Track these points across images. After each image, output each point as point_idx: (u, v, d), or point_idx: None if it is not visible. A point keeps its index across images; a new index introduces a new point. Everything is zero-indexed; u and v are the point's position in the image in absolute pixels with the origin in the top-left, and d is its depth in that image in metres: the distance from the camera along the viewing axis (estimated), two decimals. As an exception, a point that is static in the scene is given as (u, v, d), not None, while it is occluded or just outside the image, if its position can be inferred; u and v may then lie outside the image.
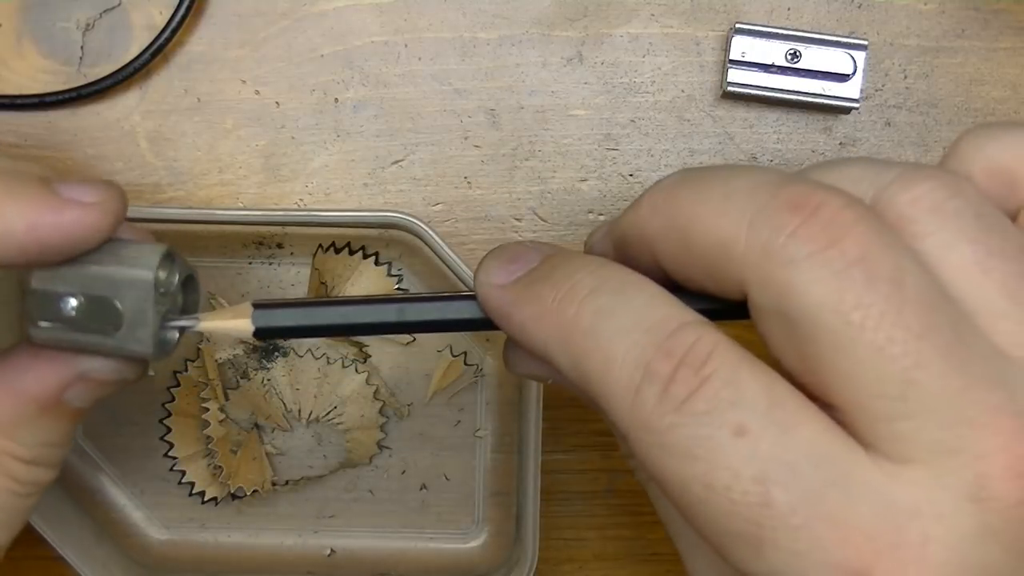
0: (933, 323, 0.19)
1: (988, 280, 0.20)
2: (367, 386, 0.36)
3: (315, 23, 0.36)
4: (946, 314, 0.19)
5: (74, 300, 0.25)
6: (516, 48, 0.36)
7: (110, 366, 0.25)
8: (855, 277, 0.19)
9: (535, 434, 0.34)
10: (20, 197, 0.23)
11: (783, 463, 0.19)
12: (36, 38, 0.36)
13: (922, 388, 0.19)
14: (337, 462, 0.37)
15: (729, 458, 0.19)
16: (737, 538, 0.20)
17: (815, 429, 0.20)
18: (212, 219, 0.33)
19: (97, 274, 0.25)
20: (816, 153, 0.36)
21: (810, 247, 0.20)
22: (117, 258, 0.25)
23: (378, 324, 0.26)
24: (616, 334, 0.21)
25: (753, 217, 0.20)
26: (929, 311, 0.19)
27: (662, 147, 0.36)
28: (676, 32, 0.36)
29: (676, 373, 0.20)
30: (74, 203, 0.24)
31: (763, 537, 0.19)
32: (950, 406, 0.19)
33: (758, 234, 0.20)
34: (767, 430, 0.19)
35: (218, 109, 0.36)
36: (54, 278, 0.25)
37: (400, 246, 0.36)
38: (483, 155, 0.37)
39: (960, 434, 0.19)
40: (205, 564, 0.37)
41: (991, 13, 0.36)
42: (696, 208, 0.21)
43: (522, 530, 0.35)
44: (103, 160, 0.36)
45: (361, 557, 0.38)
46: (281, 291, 0.37)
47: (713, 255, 0.21)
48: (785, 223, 0.20)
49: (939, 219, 0.20)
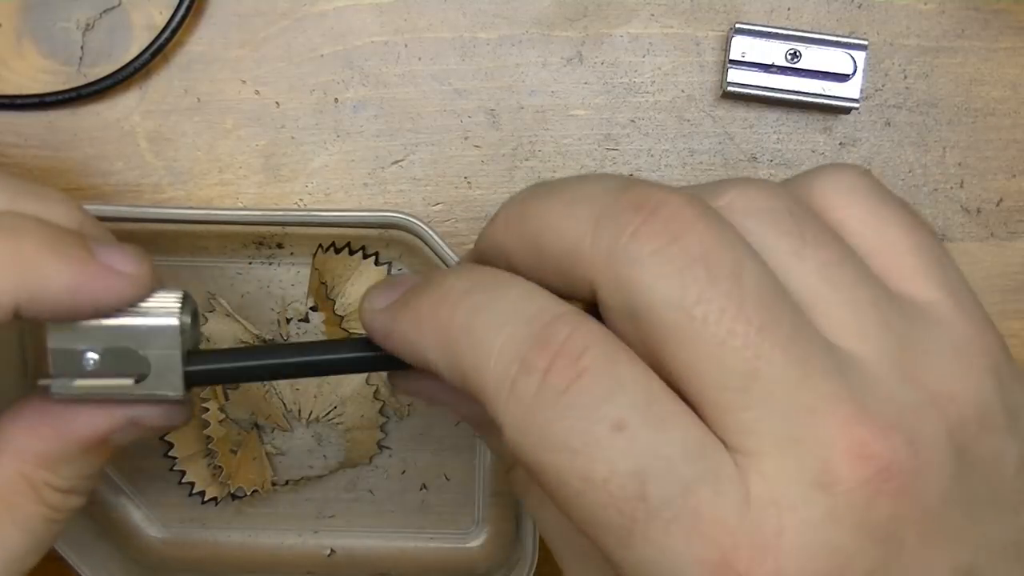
0: (772, 317, 0.20)
1: (805, 268, 0.21)
2: (367, 386, 0.36)
3: (315, 23, 0.36)
4: (783, 307, 0.20)
5: (94, 354, 0.25)
6: (516, 48, 0.36)
7: (160, 413, 0.26)
8: (697, 273, 0.20)
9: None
10: (63, 257, 0.24)
11: (659, 458, 0.20)
12: (36, 38, 0.36)
13: (763, 379, 0.20)
14: (337, 462, 0.37)
15: (607, 452, 0.20)
16: (611, 530, 0.20)
17: (686, 425, 0.20)
18: (212, 219, 0.33)
19: (120, 327, 0.25)
20: (816, 153, 0.37)
21: (652, 244, 0.20)
22: (137, 308, 0.25)
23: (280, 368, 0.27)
24: (491, 328, 0.21)
25: (598, 220, 0.21)
26: (768, 305, 0.20)
27: (662, 147, 0.36)
28: (676, 32, 0.36)
29: (553, 364, 0.20)
30: (112, 271, 0.24)
31: (635, 530, 0.20)
32: (790, 396, 0.20)
33: (603, 235, 0.21)
34: (645, 425, 0.20)
35: (218, 109, 0.36)
36: (73, 335, 0.25)
37: (400, 246, 0.36)
38: (483, 155, 0.37)
39: (801, 423, 0.20)
40: (205, 564, 0.37)
41: (991, 13, 0.36)
42: (545, 216, 0.22)
43: (522, 530, 0.35)
44: (103, 160, 0.36)
45: (361, 557, 0.38)
46: (281, 291, 0.37)
47: (564, 261, 0.21)
48: (627, 223, 0.20)
49: (754, 219, 0.21)
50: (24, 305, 0.23)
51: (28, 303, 0.24)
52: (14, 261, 0.23)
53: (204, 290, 0.36)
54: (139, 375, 0.25)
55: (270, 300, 0.37)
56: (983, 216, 0.37)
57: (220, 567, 0.37)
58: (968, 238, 0.37)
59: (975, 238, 0.37)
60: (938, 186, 0.37)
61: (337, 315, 0.36)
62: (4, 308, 0.23)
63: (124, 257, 0.25)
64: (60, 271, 0.24)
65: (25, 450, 0.25)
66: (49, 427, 0.25)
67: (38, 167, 0.36)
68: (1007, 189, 0.37)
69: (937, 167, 0.37)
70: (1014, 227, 0.37)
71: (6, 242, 0.23)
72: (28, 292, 0.23)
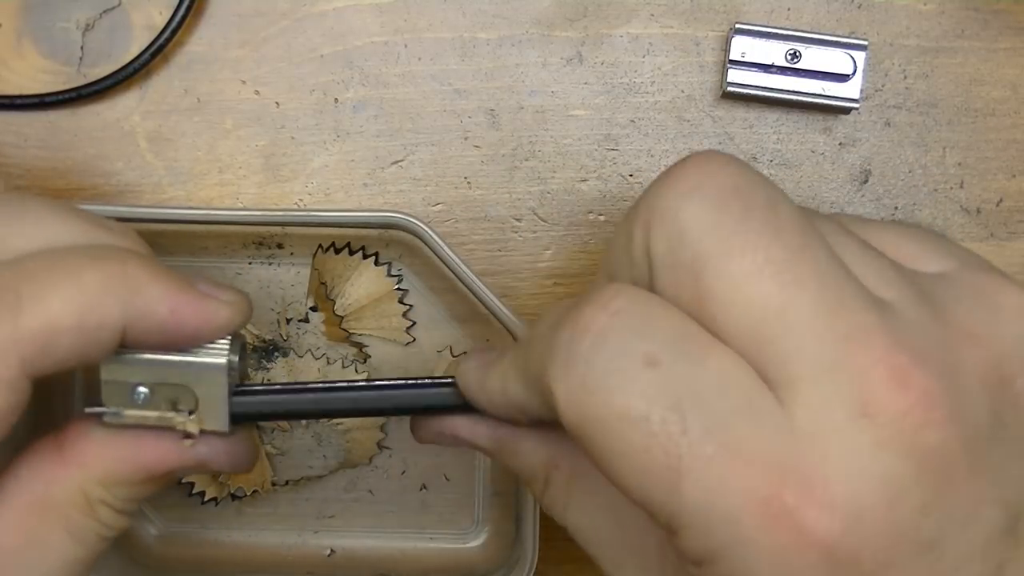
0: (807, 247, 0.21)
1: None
2: (367, 386, 0.36)
3: (315, 23, 0.36)
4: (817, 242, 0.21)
5: (145, 388, 0.26)
6: (516, 48, 0.36)
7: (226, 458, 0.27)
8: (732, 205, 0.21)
9: (535, 434, 0.34)
10: (164, 281, 0.24)
11: (695, 392, 0.20)
12: (36, 38, 0.36)
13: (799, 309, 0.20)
14: (337, 462, 0.37)
15: (643, 387, 0.20)
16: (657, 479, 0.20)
17: (721, 357, 0.21)
18: (212, 219, 0.33)
19: (171, 363, 0.26)
20: (816, 153, 0.37)
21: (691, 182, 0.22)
22: None
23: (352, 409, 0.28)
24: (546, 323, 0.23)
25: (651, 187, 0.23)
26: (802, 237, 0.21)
27: (662, 147, 0.36)
28: (676, 32, 0.36)
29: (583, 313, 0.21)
30: (213, 299, 0.25)
31: (680, 470, 0.20)
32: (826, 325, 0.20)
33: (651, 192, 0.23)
34: (678, 360, 0.20)
35: (218, 109, 0.36)
36: (125, 368, 0.25)
37: (400, 246, 0.36)
38: (483, 155, 0.37)
39: (839, 351, 0.20)
40: (205, 564, 0.37)
41: (991, 13, 0.36)
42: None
43: (522, 530, 0.35)
44: (103, 160, 0.36)
45: (361, 557, 0.38)
46: (281, 291, 0.37)
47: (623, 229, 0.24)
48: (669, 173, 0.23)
49: None
50: (131, 329, 0.24)
51: (134, 327, 0.24)
52: (122, 285, 0.24)
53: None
54: (187, 410, 0.26)
55: (270, 300, 0.37)
56: (983, 216, 0.37)
57: (220, 567, 0.37)
58: (968, 238, 0.37)
59: (975, 238, 0.37)
60: (938, 186, 0.37)
61: (337, 315, 0.36)
62: (113, 331, 0.24)
63: (219, 287, 0.26)
64: (164, 293, 0.24)
65: (92, 467, 0.26)
66: (120, 451, 0.26)
67: (38, 167, 0.36)
68: (1007, 189, 0.37)
69: (937, 167, 0.37)
70: (1014, 227, 0.37)
71: (113, 266, 0.24)
72: (136, 315, 0.24)
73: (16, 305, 0.23)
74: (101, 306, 0.23)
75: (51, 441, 0.26)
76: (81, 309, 0.23)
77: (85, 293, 0.23)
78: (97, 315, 0.23)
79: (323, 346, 0.37)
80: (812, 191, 0.37)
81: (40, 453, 0.26)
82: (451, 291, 0.36)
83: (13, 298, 0.23)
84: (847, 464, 0.20)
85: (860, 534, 0.19)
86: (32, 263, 0.24)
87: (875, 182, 0.37)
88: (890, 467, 0.20)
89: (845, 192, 0.37)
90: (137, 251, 0.25)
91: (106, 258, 0.24)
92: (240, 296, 0.26)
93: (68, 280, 0.23)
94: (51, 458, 0.26)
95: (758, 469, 0.20)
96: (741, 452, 0.20)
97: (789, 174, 0.37)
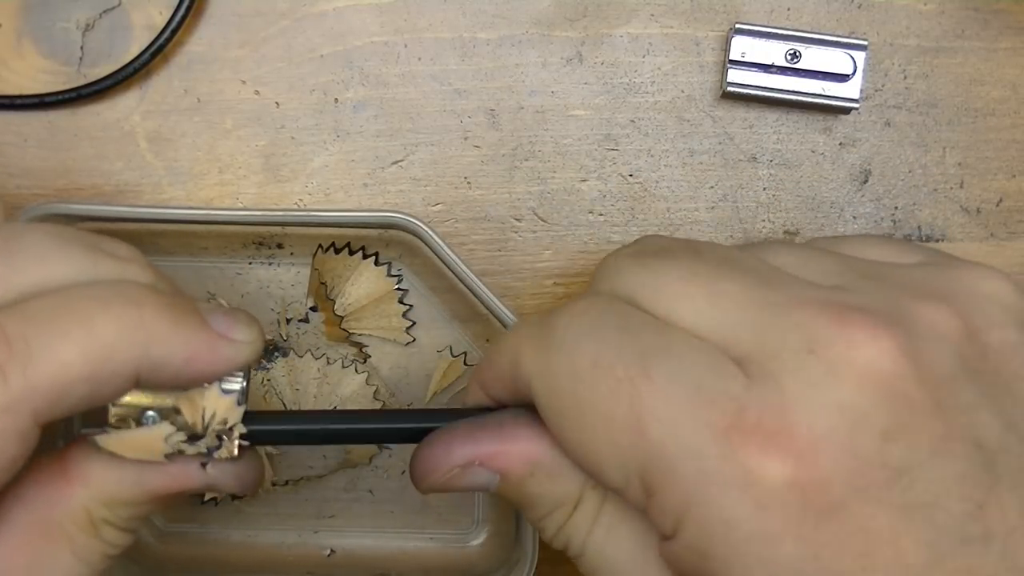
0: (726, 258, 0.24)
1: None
2: (367, 386, 0.36)
3: (315, 23, 0.36)
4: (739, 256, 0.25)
5: (154, 412, 0.25)
6: (516, 48, 0.36)
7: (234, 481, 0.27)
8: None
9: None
10: (183, 328, 0.24)
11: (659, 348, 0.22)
12: (36, 38, 0.36)
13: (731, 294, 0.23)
14: (337, 462, 0.37)
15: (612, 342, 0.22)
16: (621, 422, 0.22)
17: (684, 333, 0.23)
18: (212, 219, 0.33)
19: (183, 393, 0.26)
20: (816, 153, 0.36)
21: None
22: None
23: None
24: None
25: None
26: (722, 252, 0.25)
27: (662, 147, 0.36)
28: (676, 32, 0.36)
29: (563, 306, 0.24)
30: (227, 340, 0.25)
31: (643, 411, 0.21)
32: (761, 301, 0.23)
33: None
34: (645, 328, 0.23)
35: (218, 109, 0.36)
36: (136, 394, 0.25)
37: (400, 246, 0.36)
38: (483, 155, 0.36)
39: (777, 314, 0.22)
40: (205, 564, 0.37)
41: (991, 13, 0.36)
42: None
43: (522, 530, 0.35)
44: (103, 160, 0.36)
45: (361, 557, 0.38)
46: (281, 291, 0.37)
47: None
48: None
49: None
50: (143, 375, 0.24)
51: (148, 372, 0.24)
52: (138, 330, 0.23)
53: (204, 290, 0.36)
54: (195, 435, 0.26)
55: (270, 300, 0.37)
56: (983, 216, 0.37)
57: (220, 567, 0.37)
58: (968, 238, 0.37)
59: (975, 238, 0.37)
60: (938, 186, 0.37)
61: (337, 315, 0.36)
62: (127, 377, 0.23)
63: (235, 323, 0.25)
64: (179, 340, 0.24)
65: (99, 487, 0.25)
66: (127, 472, 0.26)
67: (38, 167, 0.36)
68: (1007, 189, 0.37)
69: (937, 167, 0.37)
70: (1014, 227, 0.37)
71: (129, 311, 0.23)
72: (150, 361, 0.23)
73: (26, 355, 0.22)
74: (115, 355, 0.23)
75: (54, 461, 0.26)
76: (94, 359, 0.22)
77: (98, 341, 0.23)
78: (111, 366, 0.23)
79: (323, 346, 0.37)
80: (812, 191, 0.37)
81: (44, 473, 0.25)
82: (451, 291, 0.36)
83: (23, 347, 0.22)
84: (802, 395, 0.21)
85: (824, 460, 0.20)
86: (40, 307, 0.23)
87: (875, 182, 0.37)
88: (844, 394, 0.21)
89: (845, 192, 0.37)
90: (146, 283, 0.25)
91: (119, 302, 0.23)
92: (254, 332, 0.26)
93: (80, 327, 0.23)
94: (55, 478, 0.25)
95: (718, 405, 0.21)
96: (701, 391, 0.21)
97: (789, 174, 0.37)
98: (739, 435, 0.20)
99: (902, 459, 0.20)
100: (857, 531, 0.20)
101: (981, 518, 0.20)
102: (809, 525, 0.20)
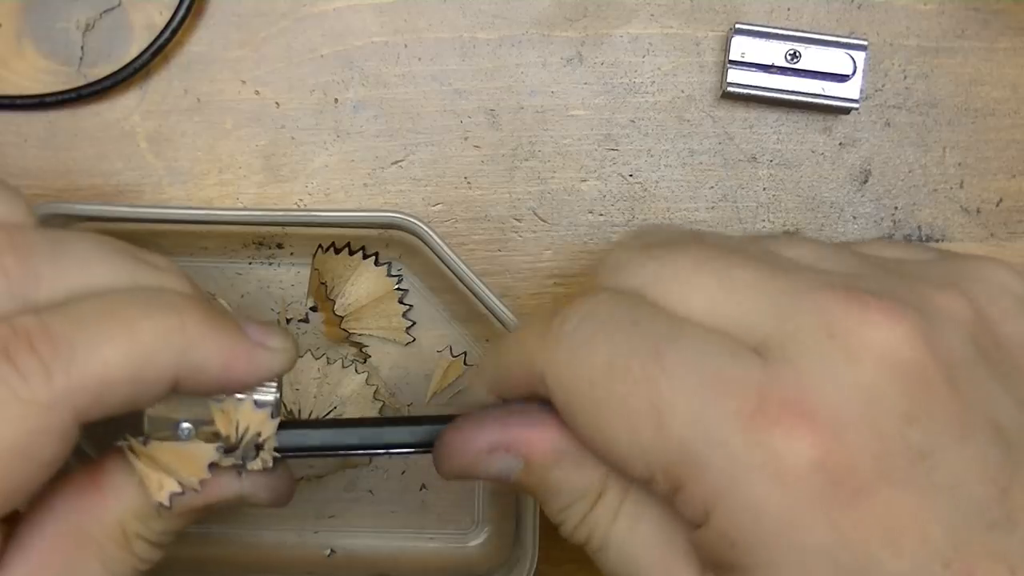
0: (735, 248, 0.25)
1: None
2: (367, 386, 0.36)
3: (315, 23, 0.36)
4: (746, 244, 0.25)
5: (189, 424, 0.26)
6: (516, 48, 0.36)
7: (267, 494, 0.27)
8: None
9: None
10: (221, 335, 0.24)
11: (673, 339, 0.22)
12: (36, 38, 0.36)
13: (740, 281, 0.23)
14: (337, 462, 0.37)
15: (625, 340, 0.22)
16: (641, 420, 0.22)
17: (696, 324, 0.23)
18: (212, 219, 0.33)
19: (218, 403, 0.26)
20: (816, 153, 0.36)
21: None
22: None
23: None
24: None
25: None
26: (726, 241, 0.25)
27: (662, 147, 0.36)
28: (676, 32, 0.36)
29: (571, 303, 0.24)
30: (262, 347, 0.25)
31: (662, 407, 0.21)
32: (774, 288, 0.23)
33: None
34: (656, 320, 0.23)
35: (218, 109, 0.36)
36: (171, 404, 0.25)
37: (400, 246, 0.36)
38: (483, 155, 0.36)
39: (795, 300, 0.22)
40: (205, 564, 0.37)
41: (991, 13, 0.36)
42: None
43: (522, 530, 0.35)
44: (103, 160, 0.36)
45: (361, 557, 0.38)
46: (281, 291, 0.37)
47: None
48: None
49: None
50: (182, 380, 0.24)
51: (187, 376, 0.24)
52: (178, 335, 0.23)
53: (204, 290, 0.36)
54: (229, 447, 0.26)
55: (270, 300, 0.37)
56: (983, 216, 0.37)
57: (220, 567, 0.37)
58: (968, 238, 0.37)
59: (975, 238, 0.37)
60: (938, 186, 0.37)
61: (337, 315, 0.36)
62: (164, 383, 0.24)
63: (270, 332, 0.25)
64: (218, 346, 0.24)
65: (131, 500, 0.25)
66: None
67: (38, 167, 0.36)
68: (1007, 189, 0.37)
69: (937, 167, 0.37)
70: (1014, 227, 0.37)
71: (169, 318, 0.24)
72: (188, 368, 0.24)
73: (70, 356, 0.22)
74: (156, 360, 0.23)
75: (87, 472, 0.26)
76: (136, 362, 0.23)
77: (140, 344, 0.23)
78: (152, 369, 0.23)
79: (323, 346, 0.37)
80: (812, 191, 0.37)
81: (76, 484, 0.25)
82: (451, 291, 0.36)
83: (67, 348, 0.22)
84: (824, 378, 0.21)
85: (849, 442, 0.20)
86: (84, 310, 0.23)
87: (875, 182, 0.37)
88: (864, 377, 0.21)
89: (845, 192, 0.37)
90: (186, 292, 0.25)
91: (160, 308, 0.24)
92: (289, 341, 0.26)
93: (123, 331, 0.23)
94: (87, 490, 0.25)
95: (740, 393, 0.21)
96: (721, 380, 0.21)
97: (789, 174, 0.37)
98: (764, 419, 0.20)
99: (924, 442, 0.20)
100: (884, 514, 0.20)
101: (1005, 502, 0.20)
102: (837, 508, 0.20)
